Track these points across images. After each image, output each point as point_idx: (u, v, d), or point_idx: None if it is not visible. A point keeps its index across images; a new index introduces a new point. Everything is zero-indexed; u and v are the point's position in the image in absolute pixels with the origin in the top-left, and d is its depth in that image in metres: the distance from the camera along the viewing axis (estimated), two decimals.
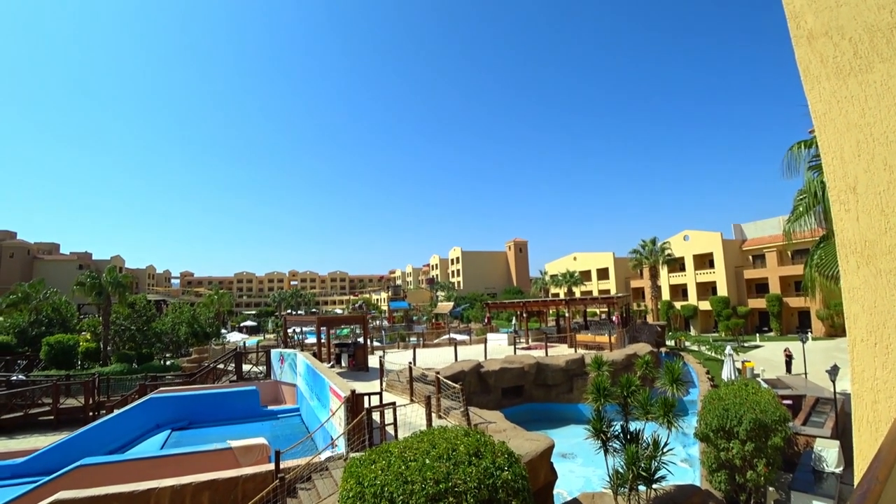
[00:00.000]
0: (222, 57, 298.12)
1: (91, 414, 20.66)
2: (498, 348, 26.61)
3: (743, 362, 25.28)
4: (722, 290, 51.87)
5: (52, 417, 20.47)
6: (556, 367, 20.82)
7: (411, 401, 13.05)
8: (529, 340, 29.86)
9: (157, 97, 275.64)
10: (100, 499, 8.85)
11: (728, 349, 23.53)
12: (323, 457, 9.45)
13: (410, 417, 10.68)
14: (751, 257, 54.40)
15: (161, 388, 19.73)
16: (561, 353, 23.82)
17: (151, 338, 32.92)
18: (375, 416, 9.41)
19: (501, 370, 19.87)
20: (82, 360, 30.97)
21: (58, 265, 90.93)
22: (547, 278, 68.22)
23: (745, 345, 37.43)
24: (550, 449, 8.28)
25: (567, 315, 31.31)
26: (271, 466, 9.38)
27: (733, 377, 20.17)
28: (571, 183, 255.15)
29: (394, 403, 9.82)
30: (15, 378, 24.65)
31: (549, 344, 24.77)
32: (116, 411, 17.94)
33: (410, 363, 14.32)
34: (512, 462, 5.86)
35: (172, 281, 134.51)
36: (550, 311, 40.66)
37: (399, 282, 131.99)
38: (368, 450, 6.46)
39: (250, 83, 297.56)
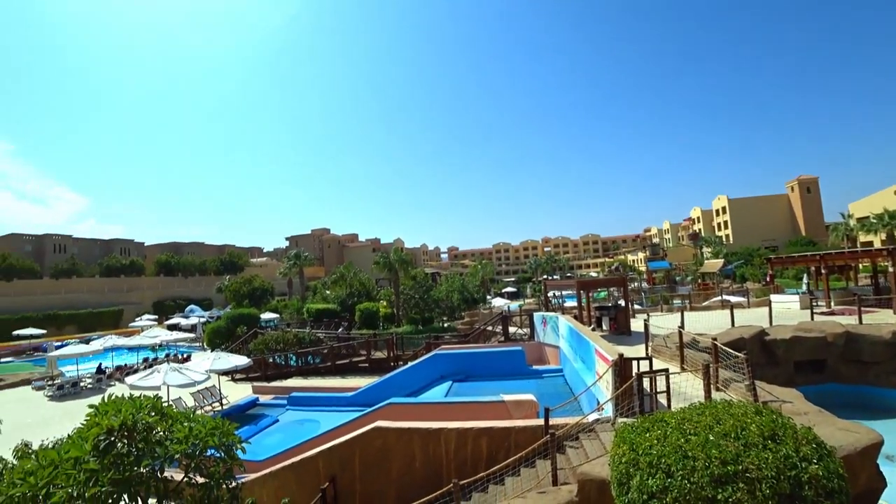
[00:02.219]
0: (480, 45, 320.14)
1: (392, 364, 25.14)
2: (786, 313, 22.37)
3: None
4: None
5: (366, 365, 26.02)
6: (877, 340, 16.24)
7: (682, 369, 12.09)
8: (832, 303, 24.24)
9: (423, 94, 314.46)
10: (404, 430, 10.91)
11: None
12: (590, 419, 9.59)
13: (682, 387, 9.89)
14: None
15: (442, 346, 22.89)
16: (884, 320, 18.64)
17: (431, 304, 38.24)
18: (644, 382, 9.02)
19: (794, 339, 16.59)
20: (383, 322, 38.34)
21: (358, 250, 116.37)
22: (852, 223, 52.31)
23: None
24: (877, 446, 6.48)
25: (890, 270, 24.26)
26: (540, 421, 9.96)
27: None
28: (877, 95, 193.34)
29: (667, 370, 9.24)
30: (342, 334, 32.35)
31: (862, 309, 19.58)
32: (410, 363, 21.60)
33: (680, 328, 13.16)
34: (822, 454, 4.84)
35: (442, 255, 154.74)
36: (861, 266, 32.04)
37: (656, 240, 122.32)
38: (641, 417, 6.25)
39: (496, 64, 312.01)
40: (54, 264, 67.39)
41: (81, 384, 25.60)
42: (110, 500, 5.56)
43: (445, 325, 36.37)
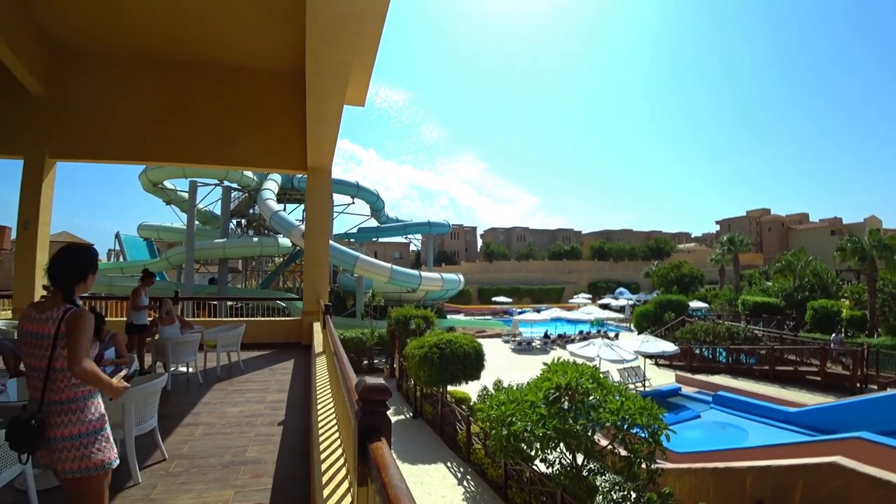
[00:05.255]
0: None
1: (858, 385, 19.81)
2: None
3: None
4: None
5: (818, 378, 21.13)
6: None
7: None
8: None
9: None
10: (878, 481, 8.18)
11: None
12: None
13: None
14: None
15: None
16: None
17: None
18: None
19: None
20: (846, 327, 30.10)
21: (809, 233, 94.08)
22: None
23: None
24: None
25: None
26: None
27: None
28: None
29: None
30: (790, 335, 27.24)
31: None
32: (890, 390, 16.40)
33: None
34: None
35: None
36: None
37: None
38: None
39: None
40: (517, 250, 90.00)
41: (532, 343, 32.23)
42: (552, 443, 6.79)
43: None
